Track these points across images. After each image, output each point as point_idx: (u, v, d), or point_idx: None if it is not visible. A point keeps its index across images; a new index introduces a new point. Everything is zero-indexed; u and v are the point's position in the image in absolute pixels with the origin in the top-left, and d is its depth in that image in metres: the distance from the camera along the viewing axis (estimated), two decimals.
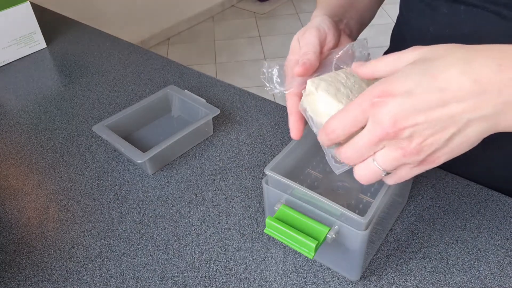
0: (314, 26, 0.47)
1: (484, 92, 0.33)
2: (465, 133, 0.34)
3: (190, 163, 0.68)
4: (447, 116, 0.33)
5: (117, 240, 0.57)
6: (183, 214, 0.60)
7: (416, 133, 0.34)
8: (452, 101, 0.33)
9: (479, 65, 0.33)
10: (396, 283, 0.50)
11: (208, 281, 0.51)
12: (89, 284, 0.52)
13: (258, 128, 0.73)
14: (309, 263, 0.52)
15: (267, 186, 0.49)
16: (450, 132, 0.34)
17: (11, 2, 0.90)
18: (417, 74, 0.34)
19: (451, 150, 0.36)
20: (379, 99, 0.34)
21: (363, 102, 0.35)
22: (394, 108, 0.34)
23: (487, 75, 0.33)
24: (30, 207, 0.62)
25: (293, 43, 0.48)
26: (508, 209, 0.57)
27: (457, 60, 0.34)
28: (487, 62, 0.33)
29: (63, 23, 1.09)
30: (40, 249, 0.56)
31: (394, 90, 0.34)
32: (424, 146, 0.35)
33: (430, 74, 0.34)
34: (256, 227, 0.57)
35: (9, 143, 0.74)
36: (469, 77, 0.33)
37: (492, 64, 0.33)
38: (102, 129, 0.67)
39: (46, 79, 0.89)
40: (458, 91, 0.33)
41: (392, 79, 0.35)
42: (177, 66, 0.90)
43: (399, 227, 0.56)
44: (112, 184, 0.65)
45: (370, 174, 0.38)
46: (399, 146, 0.35)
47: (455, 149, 0.35)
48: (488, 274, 0.50)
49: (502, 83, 0.32)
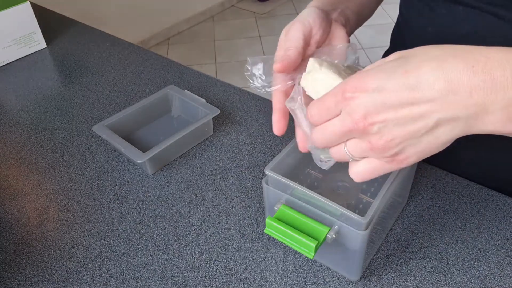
0: (299, 20, 0.47)
1: (455, 93, 0.32)
2: (435, 134, 0.34)
3: (190, 163, 0.68)
4: (416, 114, 0.33)
5: (117, 240, 0.57)
6: (183, 214, 0.60)
7: (384, 129, 0.34)
8: (422, 100, 0.33)
9: (451, 66, 0.32)
10: (396, 283, 0.50)
11: (208, 281, 0.51)
12: (89, 284, 0.52)
13: (258, 128, 0.73)
14: (309, 263, 0.52)
15: (267, 186, 0.49)
16: (420, 132, 0.34)
17: (11, 2, 0.90)
18: (389, 70, 0.34)
19: (421, 150, 0.35)
20: (351, 94, 0.35)
21: (337, 94, 0.36)
22: (364, 103, 0.34)
23: (458, 76, 0.32)
24: (30, 207, 0.62)
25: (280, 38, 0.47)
26: (508, 209, 0.57)
27: (431, 58, 0.33)
28: (460, 64, 0.32)
29: (63, 23, 1.09)
30: (40, 249, 0.56)
31: (366, 85, 0.34)
32: (391, 143, 0.35)
33: (402, 71, 0.33)
34: (256, 227, 0.57)
35: (9, 143, 0.74)
36: (441, 77, 0.32)
37: (465, 66, 0.32)
38: (102, 129, 0.67)
39: (46, 79, 0.89)
40: (428, 89, 0.32)
41: (366, 74, 0.35)
42: (177, 66, 0.90)
43: (399, 227, 0.56)
44: (112, 184, 0.65)
45: (340, 156, 0.39)
46: (368, 139, 0.36)
47: (425, 149, 0.35)
48: (488, 274, 0.50)
49: (473, 85, 0.32)
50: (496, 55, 0.32)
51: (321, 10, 0.48)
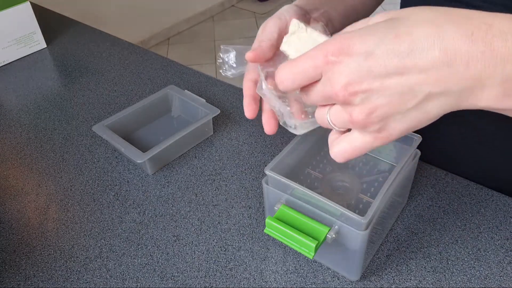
0: (277, 15, 0.48)
1: (450, 65, 0.29)
2: (424, 108, 0.31)
3: (190, 163, 0.68)
4: (405, 86, 0.30)
5: (117, 240, 0.57)
6: (183, 214, 0.60)
7: (368, 100, 0.31)
8: (413, 70, 0.29)
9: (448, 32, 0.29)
10: (396, 283, 0.50)
11: (208, 281, 0.51)
12: (89, 284, 0.52)
13: (258, 128, 0.73)
14: (309, 263, 0.52)
15: (267, 186, 0.49)
16: (406, 105, 0.31)
17: (11, 2, 0.90)
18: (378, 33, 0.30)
19: (406, 126, 0.32)
20: (334, 57, 0.31)
21: (317, 57, 0.32)
22: (348, 69, 0.31)
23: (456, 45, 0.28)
24: (30, 207, 0.62)
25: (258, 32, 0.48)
26: (508, 209, 0.57)
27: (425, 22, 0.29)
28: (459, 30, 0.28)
29: (63, 23, 1.09)
30: (40, 249, 0.56)
31: (352, 48, 0.31)
32: (373, 117, 0.32)
33: (392, 35, 0.30)
34: (256, 227, 0.57)
35: (9, 143, 0.74)
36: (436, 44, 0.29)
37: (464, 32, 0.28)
38: (102, 129, 0.67)
39: (46, 79, 0.89)
40: (421, 58, 0.29)
41: (353, 35, 0.31)
42: (177, 66, 0.90)
43: (399, 227, 0.56)
44: (112, 184, 0.65)
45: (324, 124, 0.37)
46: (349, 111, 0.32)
47: (410, 124, 0.32)
48: (488, 274, 0.50)
49: (471, 56, 0.28)
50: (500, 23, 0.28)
51: (300, 7, 0.49)
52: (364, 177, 0.57)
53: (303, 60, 0.33)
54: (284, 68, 0.34)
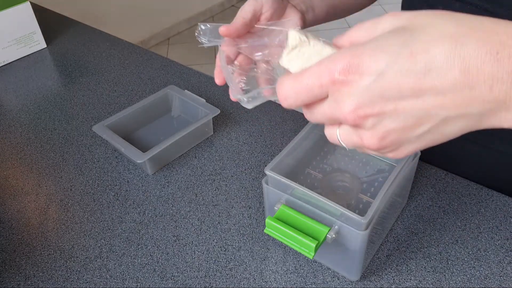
0: None
1: (472, 87, 0.26)
2: (440, 131, 0.29)
3: (190, 163, 0.68)
4: (421, 109, 0.27)
5: (117, 240, 0.57)
6: (183, 214, 0.60)
7: (380, 124, 0.29)
8: (431, 92, 0.27)
9: (471, 50, 0.25)
10: (396, 283, 0.50)
11: (208, 281, 0.51)
12: (89, 284, 0.52)
13: (258, 128, 0.73)
14: (309, 263, 0.52)
15: (267, 186, 0.49)
16: (421, 129, 0.29)
17: (11, 2, 0.90)
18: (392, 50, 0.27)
19: (420, 146, 0.30)
20: (343, 77, 0.28)
21: (323, 75, 0.29)
22: (358, 91, 0.28)
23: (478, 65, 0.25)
24: (30, 207, 0.62)
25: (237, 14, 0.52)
26: (508, 209, 0.57)
27: (444, 37, 0.26)
28: (483, 48, 0.25)
29: (63, 23, 1.09)
30: (40, 249, 0.56)
31: (362, 67, 0.28)
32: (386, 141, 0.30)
33: (408, 52, 0.27)
34: (256, 227, 0.57)
35: (9, 143, 0.74)
36: (457, 64, 0.26)
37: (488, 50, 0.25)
38: (102, 129, 0.67)
39: (46, 79, 0.89)
40: (439, 79, 0.26)
41: (363, 51, 0.28)
42: (177, 66, 0.90)
43: (399, 227, 0.56)
44: (112, 184, 0.65)
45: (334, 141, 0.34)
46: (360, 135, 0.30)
47: (426, 144, 0.30)
48: (488, 274, 0.50)
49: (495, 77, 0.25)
50: None
51: None
52: (364, 177, 0.57)
53: (307, 77, 0.30)
54: (287, 83, 0.32)
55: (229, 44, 0.49)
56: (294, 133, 0.71)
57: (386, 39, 0.28)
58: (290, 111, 0.76)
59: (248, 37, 0.49)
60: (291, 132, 0.72)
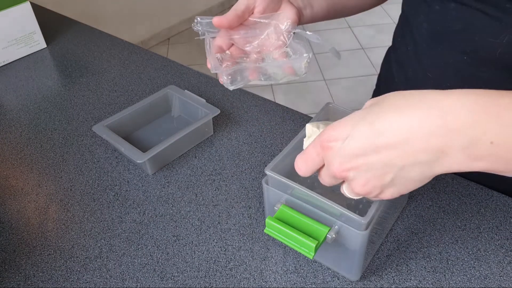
0: None
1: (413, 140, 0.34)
2: (404, 176, 0.36)
3: (190, 163, 0.68)
4: (381, 162, 0.35)
5: (117, 240, 0.57)
6: (183, 214, 0.60)
7: (359, 175, 0.37)
8: (385, 148, 0.35)
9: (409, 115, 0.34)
10: (396, 283, 0.50)
11: (208, 281, 0.51)
12: (89, 284, 0.52)
13: (258, 128, 0.73)
14: (309, 263, 0.52)
15: (267, 186, 0.49)
16: (389, 176, 0.36)
17: (11, 2, 0.90)
18: (356, 119, 0.36)
19: (401, 189, 0.37)
20: (327, 143, 0.38)
21: (316, 145, 0.39)
22: (337, 152, 0.37)
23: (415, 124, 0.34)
24: (30, 207, 0.62)
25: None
26: (508, 209, 0.57)
27: (394, 108, 0.35)
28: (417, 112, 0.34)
29: (63, 23, 1.09)
30: (40, 249, 0.56)
31: (337, 135, 0.37)
32: (368, 187, 0.37)
33: (368, 120, 0.36)
34: (256, 227, 0.57)
35: (9, 143, 0.74)
36: (401, 125, 0.34)
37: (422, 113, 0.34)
38: (102, 129, 0.67)
39: (46, 79, 0.89)
40: (391, 137, 0.34)
41: (338, 124, 0.38)
42: (177, 66, 0.90)
43: (399, 227, 0.56)
44: (112, 184, 0.65)
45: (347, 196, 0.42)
46: (350, 185, 0.39)
47: (405, 188, 0.37)
48: (488, 274, 0.50)
49: (430, 132, 0.33)
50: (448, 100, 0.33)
51: None
52: None
53: (309, 149, 0.40)
54: (299, 158, 0.41)
55: (223, 35, 0.52)
56: (294, 133, 0.71)
57: (355, 113, 0.38)
58: (290, 111, 0.76)
59: (241, 28, 0.53)
60: (291, 132, 0.72)
